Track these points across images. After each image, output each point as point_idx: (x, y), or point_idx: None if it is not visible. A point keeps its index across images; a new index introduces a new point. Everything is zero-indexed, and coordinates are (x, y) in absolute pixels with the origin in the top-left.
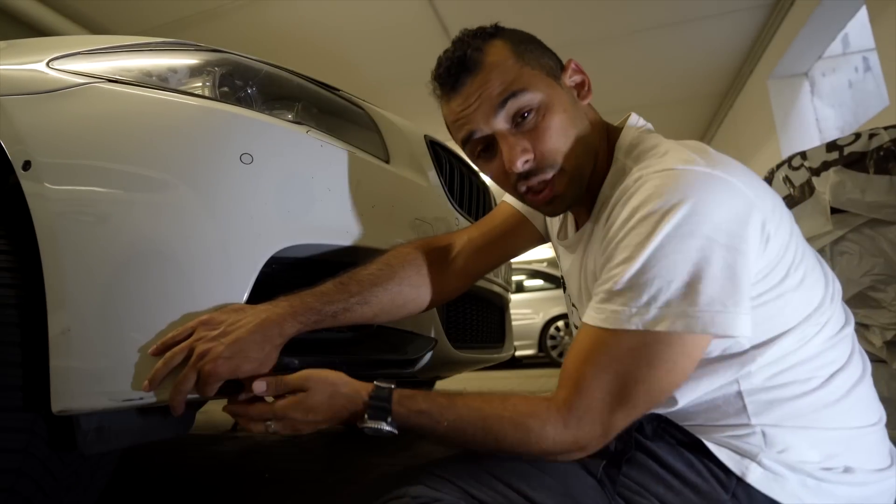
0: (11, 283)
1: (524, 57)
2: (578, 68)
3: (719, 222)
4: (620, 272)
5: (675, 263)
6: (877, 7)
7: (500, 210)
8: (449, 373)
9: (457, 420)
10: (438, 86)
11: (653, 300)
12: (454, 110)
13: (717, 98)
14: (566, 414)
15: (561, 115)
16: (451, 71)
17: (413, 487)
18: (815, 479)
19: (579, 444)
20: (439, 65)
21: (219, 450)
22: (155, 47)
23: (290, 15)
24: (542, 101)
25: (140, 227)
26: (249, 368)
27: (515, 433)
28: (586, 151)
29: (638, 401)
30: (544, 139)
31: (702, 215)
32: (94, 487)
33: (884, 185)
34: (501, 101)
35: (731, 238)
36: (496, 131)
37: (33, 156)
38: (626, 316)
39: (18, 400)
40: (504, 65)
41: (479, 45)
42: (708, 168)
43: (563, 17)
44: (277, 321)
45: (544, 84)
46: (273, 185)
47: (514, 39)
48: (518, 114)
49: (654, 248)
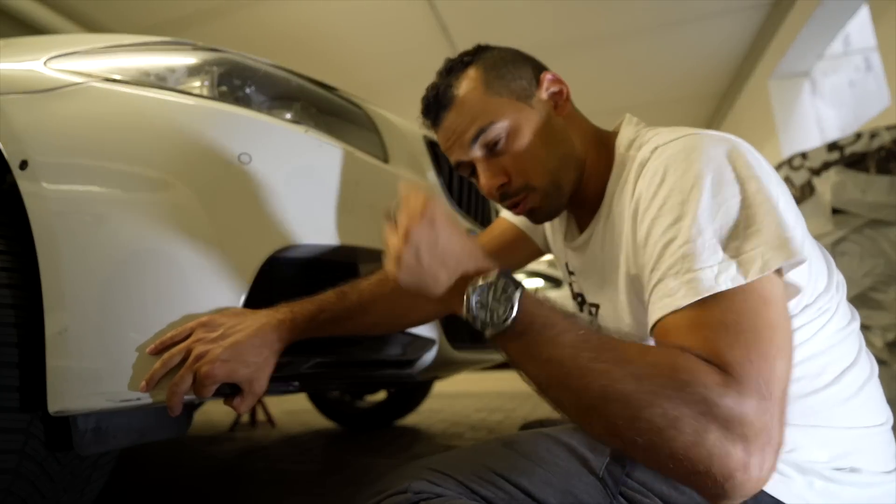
0: (8, 283)
1: (493, 86)
2: (555, 78)
3: (756, 164)
4: (676, 238)
5: (730, 209)
6: (878, 6)
7: (498, 225)
8: (448, 373)
9: (587, 348)
10: (426, 120)
11: (731, 251)
12: (441, 141)
13: (717, 98)
14: (737, 385)
15: (528, 137)
16: (430, 109)
17: (414, 483)
18: (822, 480)
19: (762, 417)
20: (422, 101)
21: (217, 450)
22: (153, 46)
23: (290, 15)
24: (510, 127)
25: (137, 227)
26: (246, 373)
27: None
28: (563, 164)
29: (781, 347)
30: (517, 162)
31: (738, 161)
32: (91, 488)
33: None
34: (473, 137)
35: (771, 175)
36: (473, 159)
37: (30, 155)
38: (711, 277)
39: (15, 400)
40: (472, 99)
41: (451, 81)
42: (720, 133)
43: (562, 16)
44: (277, 327)
45: (512, 109)
46: (272, 184)
47: (487, 65)
48: (490, 143)
49: (705, 201)
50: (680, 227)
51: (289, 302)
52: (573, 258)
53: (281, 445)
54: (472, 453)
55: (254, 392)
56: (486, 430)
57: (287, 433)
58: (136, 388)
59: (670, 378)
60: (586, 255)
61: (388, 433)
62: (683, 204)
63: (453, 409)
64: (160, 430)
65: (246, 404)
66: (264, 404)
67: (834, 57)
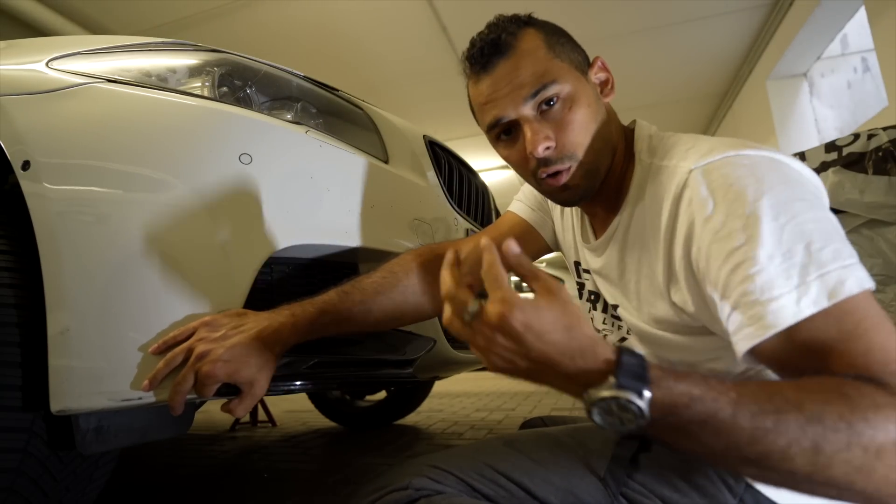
0: (10, 283)
1: (555, 49)
2: (604, 66)
3: (807, 184)
4: (743, 265)
5: (800, 226)
6: (876, 8)
7: (506, 219)
8: (448, 373)
9: (758, 411)
10: (469, 66)
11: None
12: (482, 92)
13: (716, 98)
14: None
15: (585, 108)
16: (483, 52)
17: (416, 479)
18: None
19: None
20: (472, 45)
21: (218, 450)
22: (154, 47)
23: (290, 15)
24: (570, 93)
25: (139, 227)
26: (247, 373)
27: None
28: (605, 147)
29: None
30: (567, 130)
31: (788, 179)
32: (93, 487)
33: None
34: (532, 93)
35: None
36: (521, 116)
37: (32, 156)
38: (794, 302)
39: (17, 399)
40: (536, 54)
41: (514, 30)
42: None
43: (562, 17)
44: (278, 329)
45: (573, 77)
46: (272, 185)
47: (546, 30)
48: (545, 101)
49: (771, 221)
50: (747, 253)
51: (289, 303)
52: (591, 259)
53: (281, 445)
54: (474, 451)
55: (254, 393)
56: (486, 429)
57: (287, 433)
58: (137, 388)
59: (850, 411)
60: (603, 258)
61: (388, 433)
62: (745, 229)
63: (453, 409)
64: (161, 429)
65: (244, 406)
66: (264, 404)
67: (832, 58)
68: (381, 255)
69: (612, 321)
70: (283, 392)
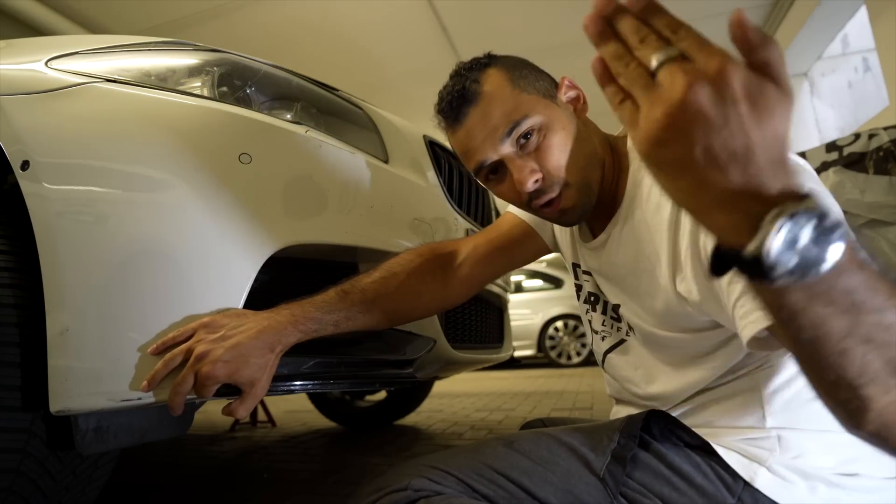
0: (10, 283)
1: (519, 83)
2: (572, 84)
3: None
4: None
5: None
6: (876, 7)
7: (505, 220)
8: (448, 373)
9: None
10: (443, 119)
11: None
12: (461, 141)
13: None
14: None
15: (560, 132)
16: (452, 105)
17: (415, 480)
18: (827, 486)
19: None
20: (441, 99)
21: (218, 450)
22: (154, 47)
23: (290, 15)
24: (542, 122)
25: (139, 227)
26: (247, 374)
27: None
28: (590, 163)
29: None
30: (548, 158)
31: None
32: (92, 487)
33: (883, 186)
34: (507, 132)
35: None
36: (503, 156)
37: (31, 155)
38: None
39: (17, 400)
40: (502, 93)
41: (476, 76)
42: None
43: (562, 17)
44: (278, 329)
45: (542, 105)
46: (271, 184)
47: (507, 66)
48: (521, 135)
49: None
50: None
51: (289, 303)
52: (590, 258)
53: (281, 445)
54: (473, 451)
55: (255, 394)
56: (486, 430)
57: (287, 433)
58: (137, 388)
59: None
60: (603, 256)
61: (388, 433)
62: None
63: (453, 409)
64: (161, 429)
65: (246, 406)
66: (264, 404)
67: (832, 57)
68: (381, 255)
69: (611, 322)
70: (283, 392)
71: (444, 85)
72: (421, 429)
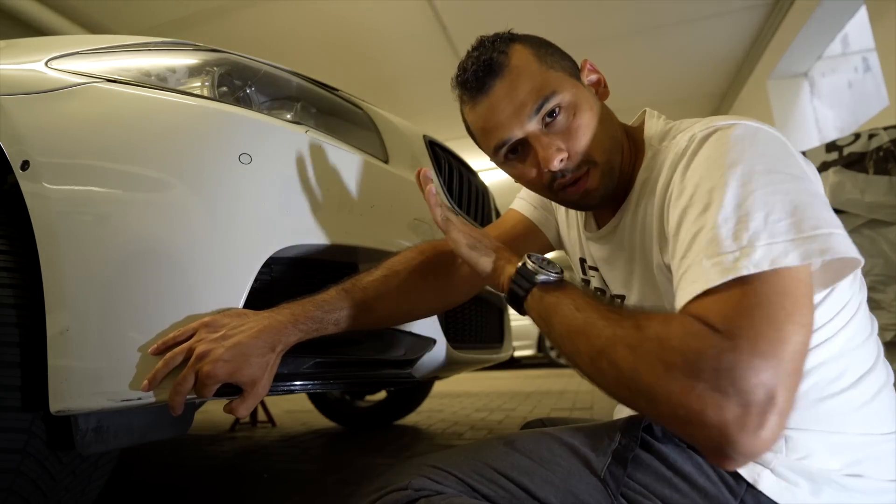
0: (10, 283)
1: (546, 60)
2: (594, 68)
3: (790, 158)
4: (703, 227)
5: (765, 196)
6: (876, 7)
7: (508, 217)
8: (448, 373)
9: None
10: (464, 90)
11: (755, 238)
12: (482, 115)
13: (716, 98)
14: (730, 340)
15: (588, 112)
16: (477, 75)
17: (415, 480)
18: (832, 488)
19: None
20: (463, 70)
21: (218, 450)
22: (154, 47)
23: (289, 15)
24: (570, 101)
25: (138, 227)
26: (248, 373)
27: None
28: (614, 145)
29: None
30: (576, 137)
31: (770, 151)
32: (92, 487)
33: (883, 186)
34: (535, 109)
35: (804, 167)
36: (529, 133)
37: (32, 155)
38: (731, 262)
39: (17, 400)
40: (529, 69)
41: (503, 48)
42: (756, 123)
43: (562, 17)
44: (279, 328)
45: (569, 84)
46: (272, 184)
47: (533, 43)
48: (548, 113)
49: (737, 187)
50: (707, 216)
51: (289, 302)
52: (596, 249)
53: (281, 445)
54: (473, 451)
55: (256, 393)
56: (486, 429)
57: (287, 433)
58: (137, 388)
59: (664, 327)
60: (612, 244)
61: (388, 433)
62: (711, 192)
63: (453, 409)
64: (161, 429)
65: (246, 406)
66: (264, 404)
67: (832, 57)
68: (381, 254)
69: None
70: (283, 392)
71: (466, 55)
72: (421, 429)
